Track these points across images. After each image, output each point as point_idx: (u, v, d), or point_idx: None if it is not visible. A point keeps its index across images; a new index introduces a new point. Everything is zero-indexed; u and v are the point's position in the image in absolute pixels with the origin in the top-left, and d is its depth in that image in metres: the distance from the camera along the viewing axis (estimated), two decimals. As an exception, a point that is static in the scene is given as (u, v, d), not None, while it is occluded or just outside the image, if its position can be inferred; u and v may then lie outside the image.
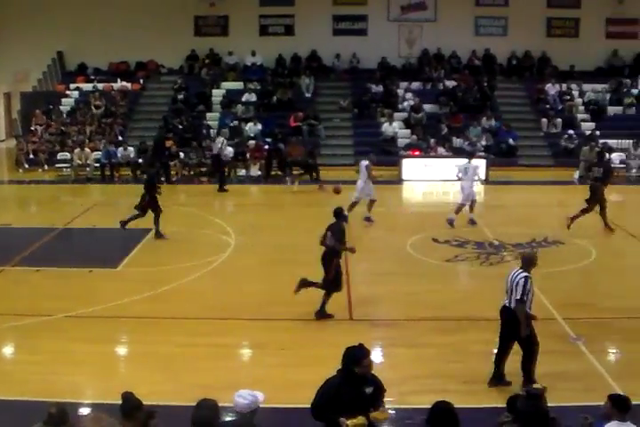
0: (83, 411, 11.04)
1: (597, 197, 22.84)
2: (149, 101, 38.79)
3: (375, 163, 24.67)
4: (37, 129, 36.24)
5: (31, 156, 34.76)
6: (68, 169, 33.12)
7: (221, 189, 29.30)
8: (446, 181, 29.59)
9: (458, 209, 23.73)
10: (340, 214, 16.33)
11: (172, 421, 8.97)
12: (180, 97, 37.64)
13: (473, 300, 17.11)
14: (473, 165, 24.20)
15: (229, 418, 8.73)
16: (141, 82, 39.74)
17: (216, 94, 38.25)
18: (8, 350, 14.67)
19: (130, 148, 32.67)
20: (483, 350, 13.83)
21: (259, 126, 35.41)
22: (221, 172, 30.23)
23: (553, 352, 13.94)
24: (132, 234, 22.32)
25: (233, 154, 31.99)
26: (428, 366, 13.27)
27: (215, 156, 30.68)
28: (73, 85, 39.79)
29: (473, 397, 11.77)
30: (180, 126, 35.19)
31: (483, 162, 31.58)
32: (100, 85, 39.11)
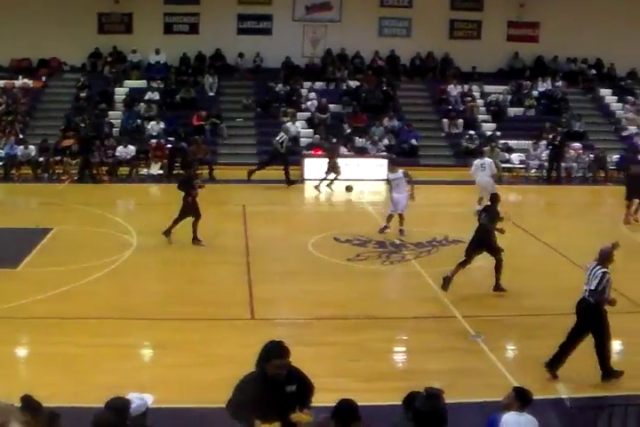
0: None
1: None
2: (51, 99, 38.11)
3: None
4: None
5: None
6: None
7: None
8: (348, 180, 29.87)
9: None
10: (495, 199, 18.17)
11: (75, 423, 8.84)
12: (83, 95, 37.06)
13: (374, 298, 17.28)
14: (488, 161, 25.73)
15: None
16: (43, 79, 38.94)
17: (119, 93, 37.77)
18: None
19: (31, 146, 32.11)
20: (384, 348, 13.99)
21: (161, 125, 35.13)
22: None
23: (453, 349, 14.19)
24: (33, 234, 21.93)
25: (135, 153, 31.85)
26: (329, 364, 13.27)
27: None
28: (-27, 82, 39.00)
29: (375, 394, 11.83)
30: (83, 125, 34.72)
31: (384, 162, 31.98)
32: (1, 82, 38.30)
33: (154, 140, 33.60)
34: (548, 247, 22.32)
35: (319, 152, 32.59)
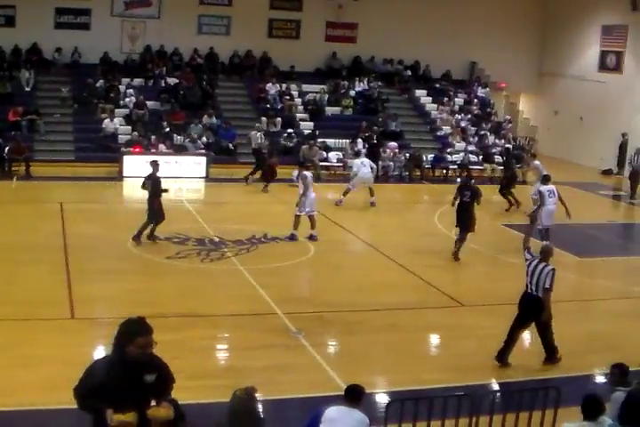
0: None
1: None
2: None
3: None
4: None
5: None
6: None
7: None
8: (167, 177, 29.74)
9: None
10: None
11: None
12: None
13: (195, 296, 17.24)
14: (367, 160, 28.61)
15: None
16: None
17: None
18: None
19: None
20: (205, 346, 14.00)
21: (-24, 120, 34.08)
22: None
23: (274, 346, 14.31)
24: None
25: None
26: (151, 362, 13.18)
27: None
28: None
29: (198, 392, 11.76)
30: None
31: (203, 159, 32.01)
32: None
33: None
34: (365, 244, 22.75)
35: (137, 149, 32.21)
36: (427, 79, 42.81)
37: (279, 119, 37.36)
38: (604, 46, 40.95)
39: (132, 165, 31.09)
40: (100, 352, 12.72)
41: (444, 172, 35.02)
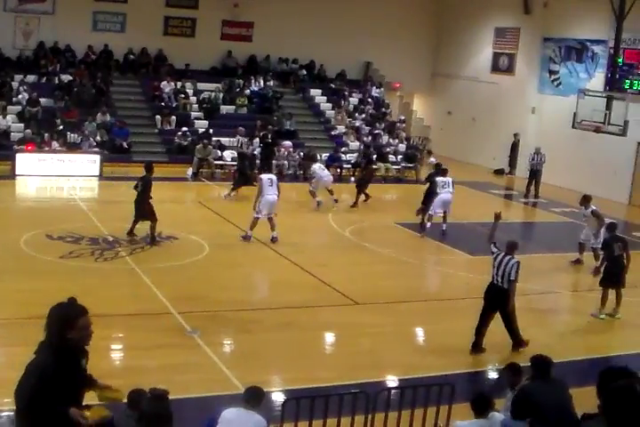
0: None
1: None
2: None
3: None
4: None
5: None
6: None
7: None
8: (60, 176, 29.49)
9: None
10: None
11: None
12: None
13: (88, 296, 16.91)
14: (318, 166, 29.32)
15: None
16: None
17: None
18: None
19: None
20: (101, 346, 13.88)
21: None
22: None
23: (169, 346, 14.32)
24: None
25: None
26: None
27: None
28: None
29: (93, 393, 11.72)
30: None
31: (97, 157, 31.69)
32: None
33: None
34: (260, 243, 22.79)
35: (30, 147, 31.74)
36: (322, 79, 43.04)
37: (174, 118, 37.15)
38: (496, 48, 41.77)
39: (24, 163, 30.69)
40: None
41: (337, 171, 35.25)
